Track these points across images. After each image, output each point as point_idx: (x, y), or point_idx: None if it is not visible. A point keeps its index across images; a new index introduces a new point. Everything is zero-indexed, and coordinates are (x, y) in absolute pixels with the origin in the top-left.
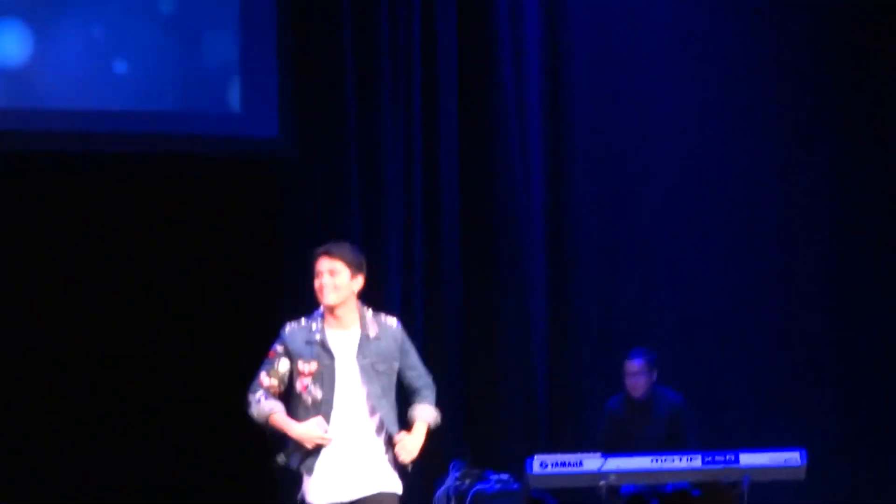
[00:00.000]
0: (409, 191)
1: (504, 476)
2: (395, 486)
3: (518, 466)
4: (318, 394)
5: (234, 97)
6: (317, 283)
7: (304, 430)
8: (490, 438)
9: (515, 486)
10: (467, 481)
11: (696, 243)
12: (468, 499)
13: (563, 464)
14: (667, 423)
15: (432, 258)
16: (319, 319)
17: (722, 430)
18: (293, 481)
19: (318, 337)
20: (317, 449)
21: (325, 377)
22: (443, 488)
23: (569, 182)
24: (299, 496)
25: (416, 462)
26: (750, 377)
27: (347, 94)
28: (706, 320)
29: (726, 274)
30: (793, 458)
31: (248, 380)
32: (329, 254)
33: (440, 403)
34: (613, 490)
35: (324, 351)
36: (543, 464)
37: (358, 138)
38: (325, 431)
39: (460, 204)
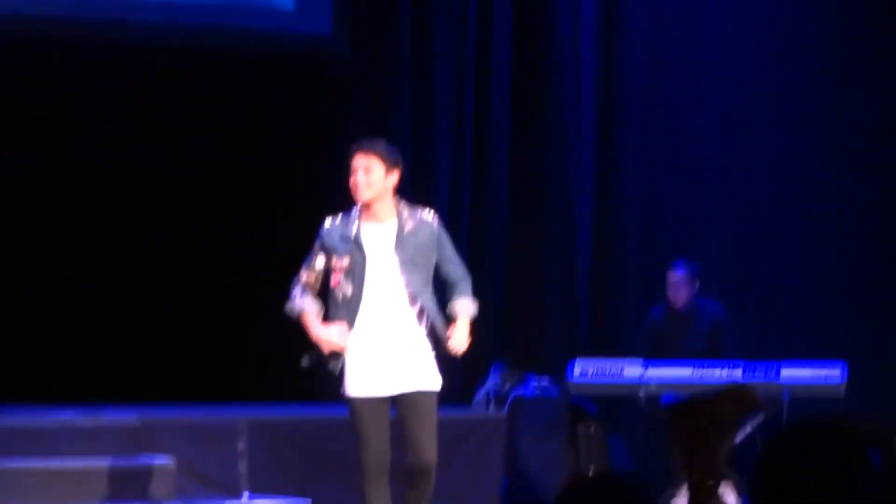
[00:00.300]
0: (461, 99)
1: (545, 381)
2: (436, 383)
3: (559, 372)
4: (349, 290)
5: None
6: (352, 181)
7: (323, 334)
8: (531, 342)
9: (555, 391)
10: (507, 385)
11: (742, 156)
12: (508, 402)
13: (604, 371)
14: (707, 334)
15: (480, 165)
16: (357, 215)
17: (763, 344)
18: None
19: (353, 232)
20: (338, 354)
21: (356, 273)
22: (483, 390)
23: (619, 90)
24: (341, 389)
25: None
26: (792, 290)
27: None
28: (750, 232)
29: (772, 186)
30: (833, 374)
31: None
32: (364, 150)
33: (483, 307)
34: (653, 399)
35: (357, 247)
36: (584, 370)
37: (411, 45)
38: (345, 339)
39: (511, 113)
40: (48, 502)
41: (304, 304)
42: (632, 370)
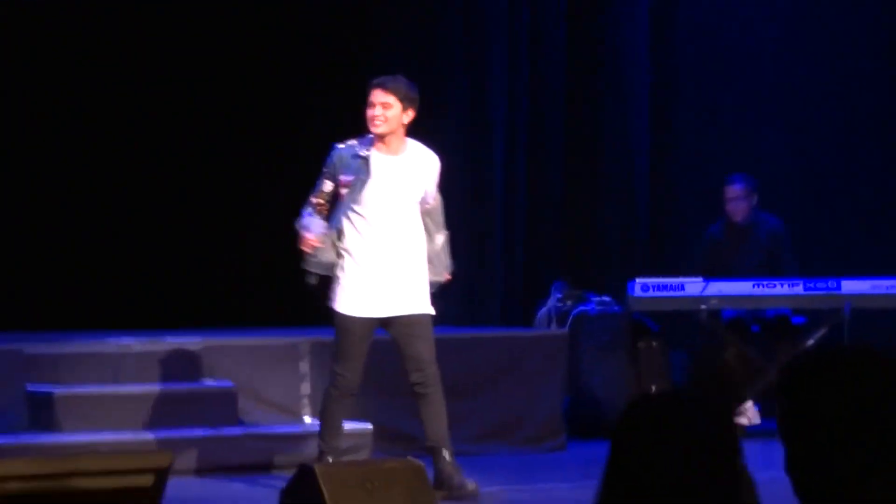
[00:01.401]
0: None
1: (606, 298)
2: (430, 308)
3: (619, 289)
4: (354, 207)
5: None
6: (369, 113)
7: (302, 224)
8: (592, 262)
9: (617, 308)
10: (569, 302)
11: (799, 70)
12: (570, 319)
13: (665, 287)
14: (767, 248)
15: (536, 85)
16: (370, 141)
17: (823, 257)
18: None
19: (364, 153)
20: (317, 256)
21: (357, 189)
22: (544, 309)
23: (673, 10)
24: (330, 301)
25: (517, 284)
26: (852, 203)
27: None
28: (809, 145)
29: (831, 99)
30: (895, 285)
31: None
32: (384, 88)
33: (544, 227)
34: (714, 314)
35: (365, 166)
36: (645, 286)
37: None
38: (321, 229)
39: (565, 30)
40: (112, 427)
41: (311, 221)
42: (692, 286)
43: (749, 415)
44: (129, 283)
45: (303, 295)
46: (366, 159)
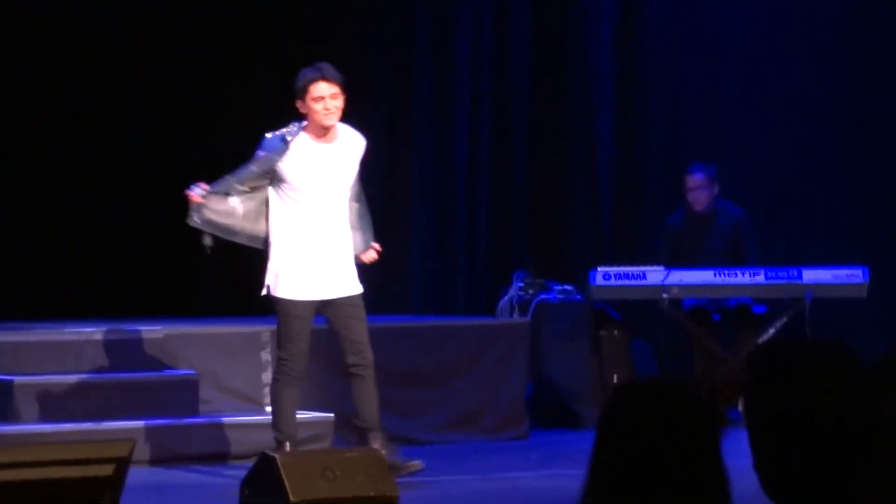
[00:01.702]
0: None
1: (568, 287)
2: (360, 288)
3: (582, 279)
4: (289, 194)
5: None
6: (318, 106)
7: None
8: (554, 251)
9: (578, 297)
10: (531, 291)
11: (764, 60)
12: (531, 308)
13: (626, 276)
14: (728, 237)
15: (500, 73)
16: (299, 129)
17: (784, 247)
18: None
19: (297, 142)
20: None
21: (297, 181)
22: (506, 297)
23: None
24: (267, 290)
25: (480, 273)
26: (813, 193)
27: None
28: (771, 134)
29: (792, 88)
30: (855, 274)
31: None
32: (332, 80)
33: (507, 216)
34: (675, 303)
35: (285, 148)
36: (606, 275)
37: None
38: (203, 194)
39: (531, 15)
40: (73, 417)
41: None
42: (654, 275)
43: None
44: (91, 271)
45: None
46: (300, 149)
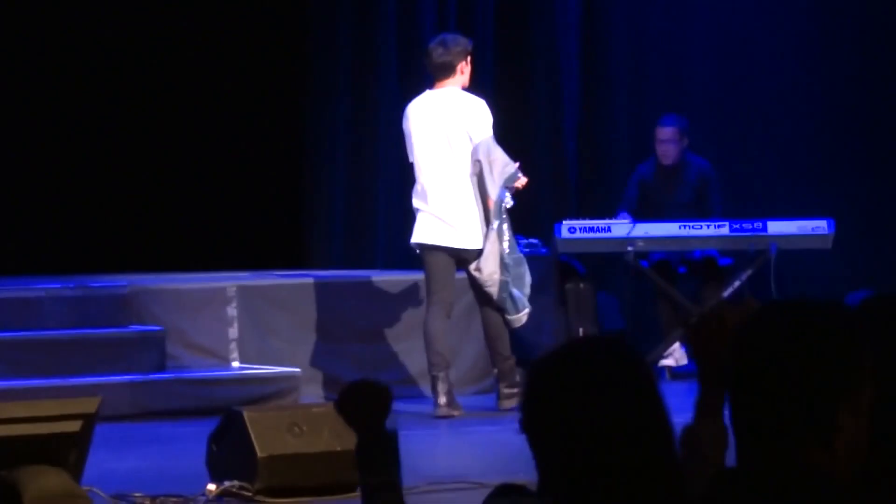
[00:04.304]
0: None
1: (533, 240)
2: (479, 241)
3: (547, 232)
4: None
5: None
6: (470, 70)
7: None
8: (519, 203)
9: (544, 250)
10: None
11: (730, 10)
12: None
13: (592, 229)
14: (695, 189)
15: (466, 19)
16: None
17: (750, 200)
18: None
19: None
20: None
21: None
22: None
23: None
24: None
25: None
26: (780, 147)
27: None
28: (738, 87)
29: (760, 40)
30: (820, 226)
31: None
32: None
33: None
34: (641, 256)
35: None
36: (572, 229)
37: None
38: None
39: None
40: (39, 374)
41: None
42: (619, 228)
43: (676, 356)
44: (54, 227)
45: (230, 238)
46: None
